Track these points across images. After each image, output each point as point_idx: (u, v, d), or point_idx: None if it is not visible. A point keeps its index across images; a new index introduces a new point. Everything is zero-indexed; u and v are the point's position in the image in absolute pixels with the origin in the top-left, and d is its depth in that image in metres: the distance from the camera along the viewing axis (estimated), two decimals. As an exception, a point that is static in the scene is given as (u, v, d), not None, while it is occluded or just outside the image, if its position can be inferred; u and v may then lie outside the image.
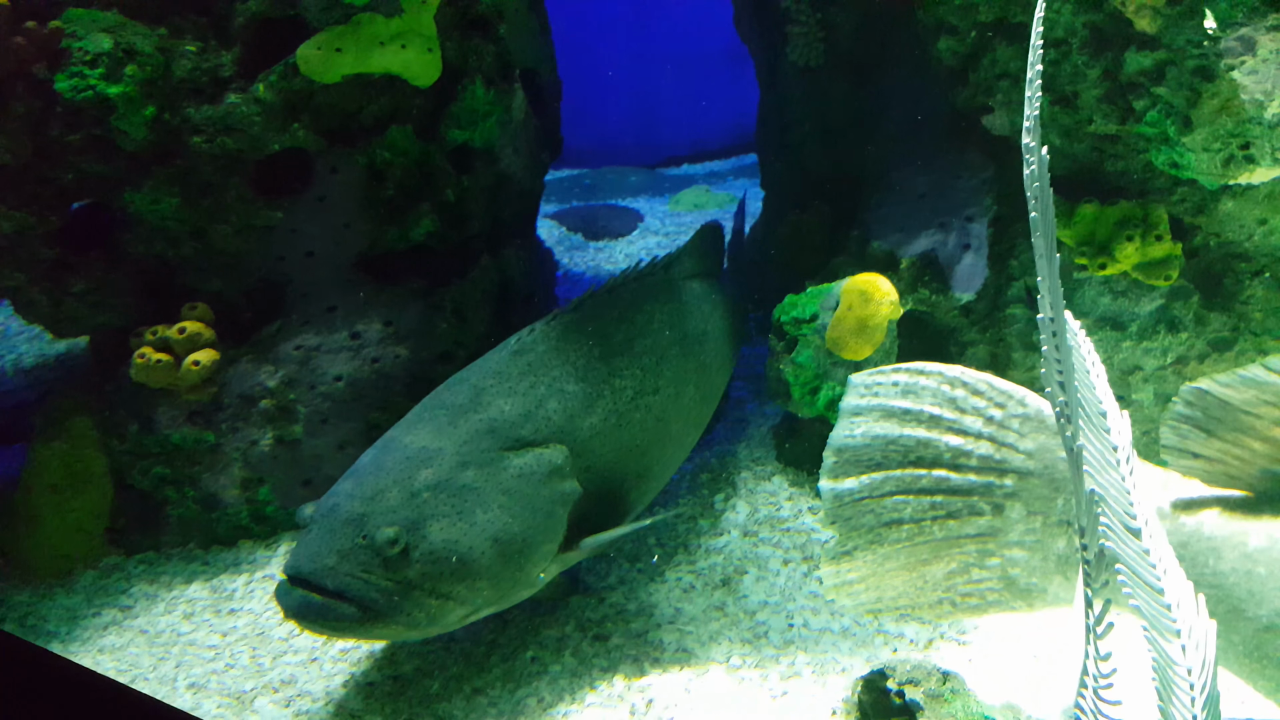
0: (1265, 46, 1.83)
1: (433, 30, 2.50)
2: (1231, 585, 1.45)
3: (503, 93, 2.86)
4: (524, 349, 2.14)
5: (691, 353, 2.44)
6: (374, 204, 2.65)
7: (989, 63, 2.56)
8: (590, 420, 2.08)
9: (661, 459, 2.28)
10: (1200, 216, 2.34)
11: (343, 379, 2.59)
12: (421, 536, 1.74)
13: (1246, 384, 1.47)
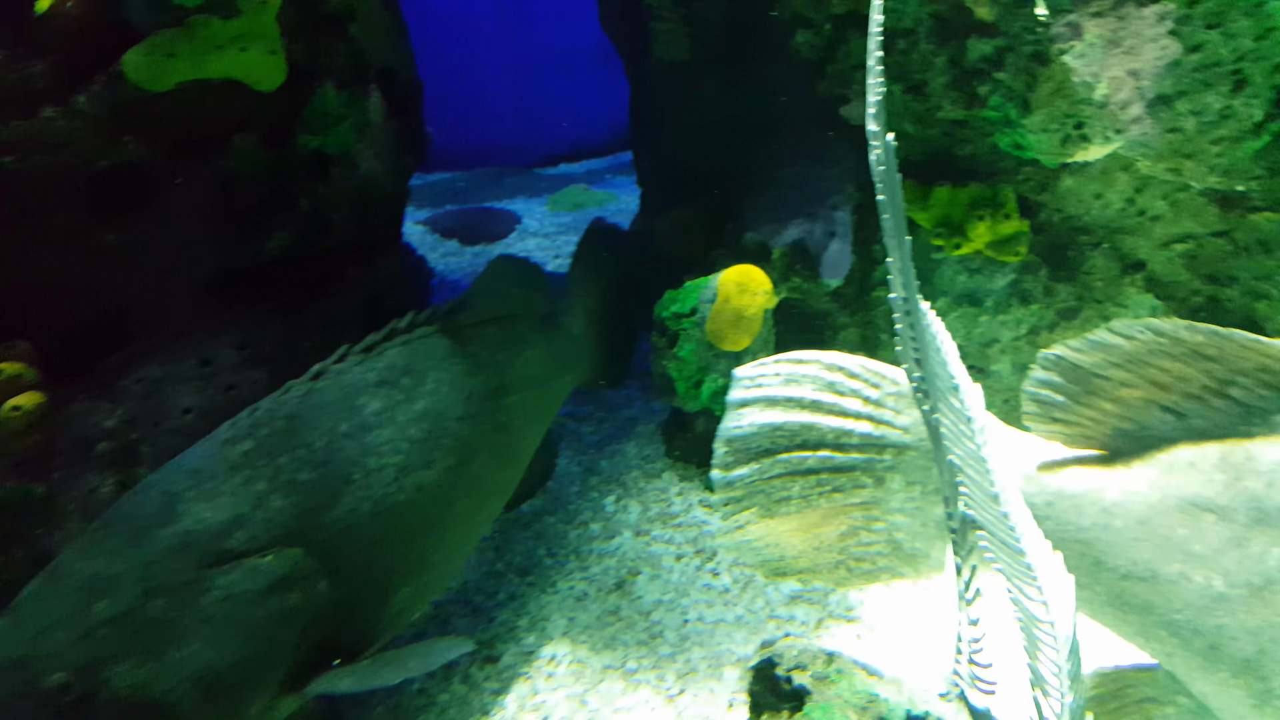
0: (1091, 31, 1.99)
1: (275, 32, 2.42)
2: (1093, 539, 1.57)
3: (357, 95, 2.80)
4: (238, 436, 1.82)
5: (483, 413, 2.15)
6: (222, 219, 2.54)
7: (844, 54, 2.67)
8: (335, 513, 1.79)
9: (443, 544, 2.01)
10: (1044, 194, 2.51)
11: (193, 411, 2.45)
12: (101, 682, 1.50)
13: (1094, 348, 1.60)
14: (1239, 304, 2.40)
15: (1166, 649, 1.50)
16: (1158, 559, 1.49)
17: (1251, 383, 1.46)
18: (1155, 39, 1.95)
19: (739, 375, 1.88)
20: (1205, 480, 1.47)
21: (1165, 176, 2.30)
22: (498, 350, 2.30)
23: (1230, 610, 1.40)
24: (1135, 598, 1.52)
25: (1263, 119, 2.07)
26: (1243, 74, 2.00)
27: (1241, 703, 1.40)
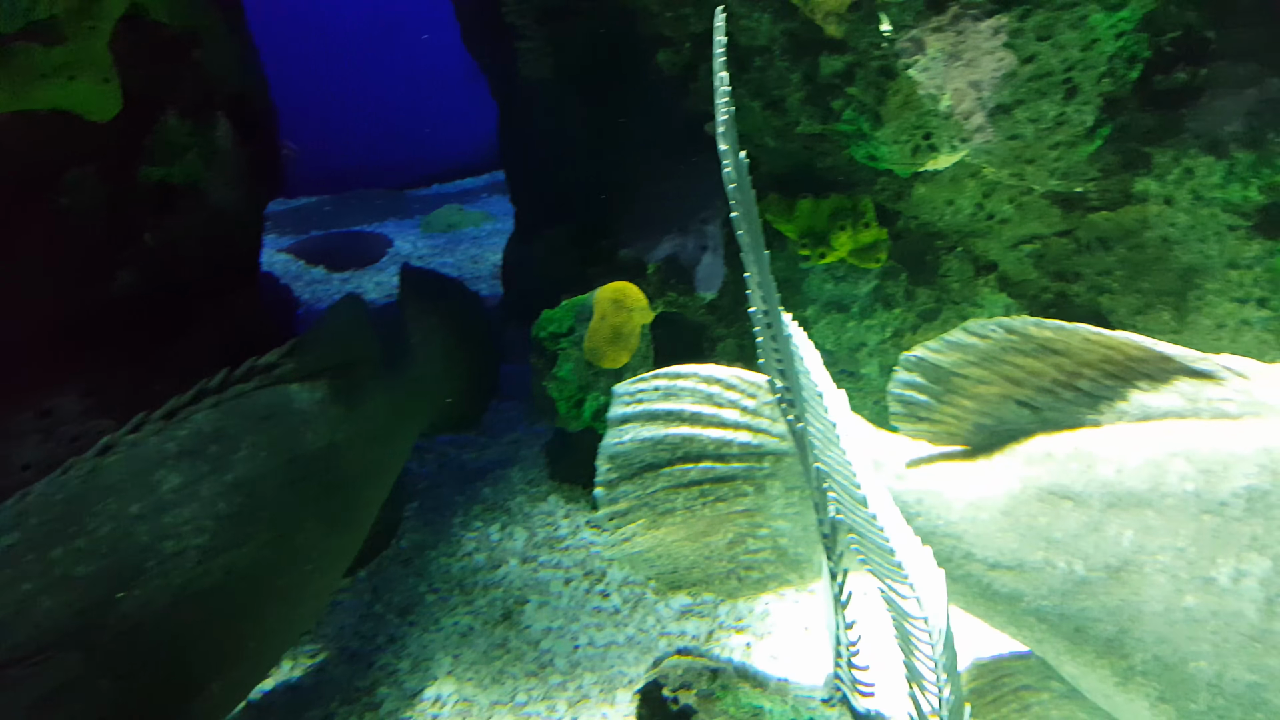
0: (933, 46, 2.08)
1: (107, 59, 2.28)
2: (962, 532, 1.62)
3: (204, 122, 2.67)
4: (2, 528, 1.63)
5: (312, 476, 1.97)
6: (61, 259, 2.37)
7: (706, 72, 2.72)
8: (123, 608, 1.61)
9: (263, 629, 1.84)
10: (900, 202, 2.61)
11: (32, 467, 2.25)
12: None
13: (951, 348, 1.66)
14: (1085, 298, 2.55)
15: (1036, 635, 1.55)
16: (1022, 548, 1.55)
17: (1097, 374, 1.54)
18: (992, 51, 2.06)
19: (618, 392, 1.91)
20: (1061, 469, 1.53)
21: (1010, 181, 2.42)
22: (330, 404, 2.11)
23: (1091, 593, 1.47)
24: (1004, 587, 1.57)
25: (1094, 124, 2.21)
26: (1073, 82, 2.14)
27: (1107, 682, 1.47)
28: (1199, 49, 2.20)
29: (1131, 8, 2.02)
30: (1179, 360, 1.44)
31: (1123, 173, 2.29)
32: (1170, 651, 1.37)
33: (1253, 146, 2.10)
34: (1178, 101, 2.22)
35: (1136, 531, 1.42)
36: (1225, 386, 1.40)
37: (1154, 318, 2.41)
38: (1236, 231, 2.18)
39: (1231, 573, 1.33)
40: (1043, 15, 2.02)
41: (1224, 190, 2.16)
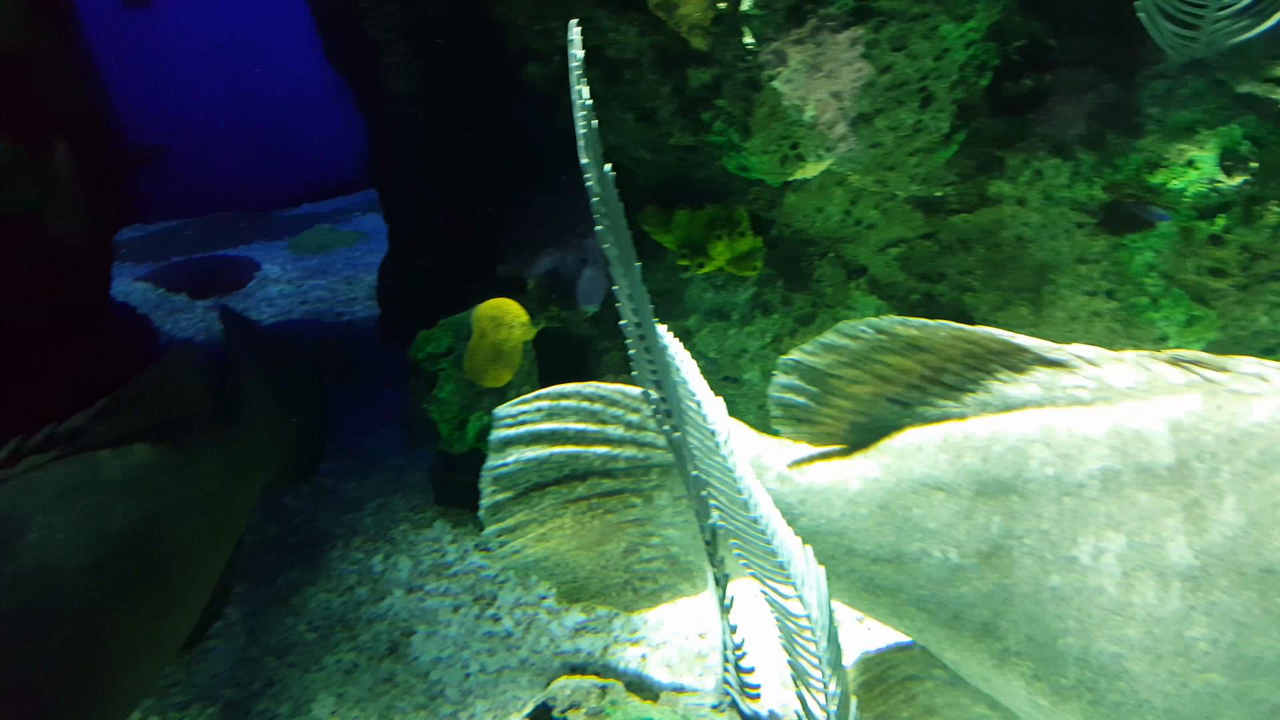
0: (795, 58, 2.14)
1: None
2: (843, 528, 1.66)
3: (39, 148, 2.50)
4: None
5: (124, 556, 1.77)
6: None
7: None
8: None
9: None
10: (773, 211, 2.67)
11: None
12: None
13: (825, 351, 1.71)
14: (949, 297, 2.67)
15: (918, 624, 1.61)
16: (900, 540, 1.60)
17: (960, 368, 1.61)
18: (851, 62, 2.14)
19: (500, 414, 1.90)
20: (931, 461, 1.60)
21: (874, 188, 2.52)
22: (149, 471, 1.88)
23: (966, 579, 1.53)
24: (885, 579, 1.62)
25: (949, 130, 2.32)
26: (928, 91, 2.24)
27: (985, 665, 1.53)
28: (1043, 57, 2.34)
29: (979, 18, 2.14)
30: (1035, 351, 1.53)
31: (978, 176, 2.41)
32: (1040, 630, 1.44)
33: (1094, 148, 2.25)
34: (1025, 107, 2.36)
35: (1004, 517, 1.49)
36: (1078, 374, 1.49)
37: (1013, 312, 2.54)
38: (1084, 228, 2.32)
39: (1091, 550, 1.41)
40: (896, 26, 2.11)
41: (1071, 190, 2.30)
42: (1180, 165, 2.13)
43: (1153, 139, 2.16)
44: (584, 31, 2.57)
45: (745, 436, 1.78)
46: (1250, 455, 1.28)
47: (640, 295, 1.13)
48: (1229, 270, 2.18)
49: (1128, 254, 2.28)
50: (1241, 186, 2.09)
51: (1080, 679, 1.41)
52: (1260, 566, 1.26)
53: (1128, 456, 1.39)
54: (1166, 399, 1.38)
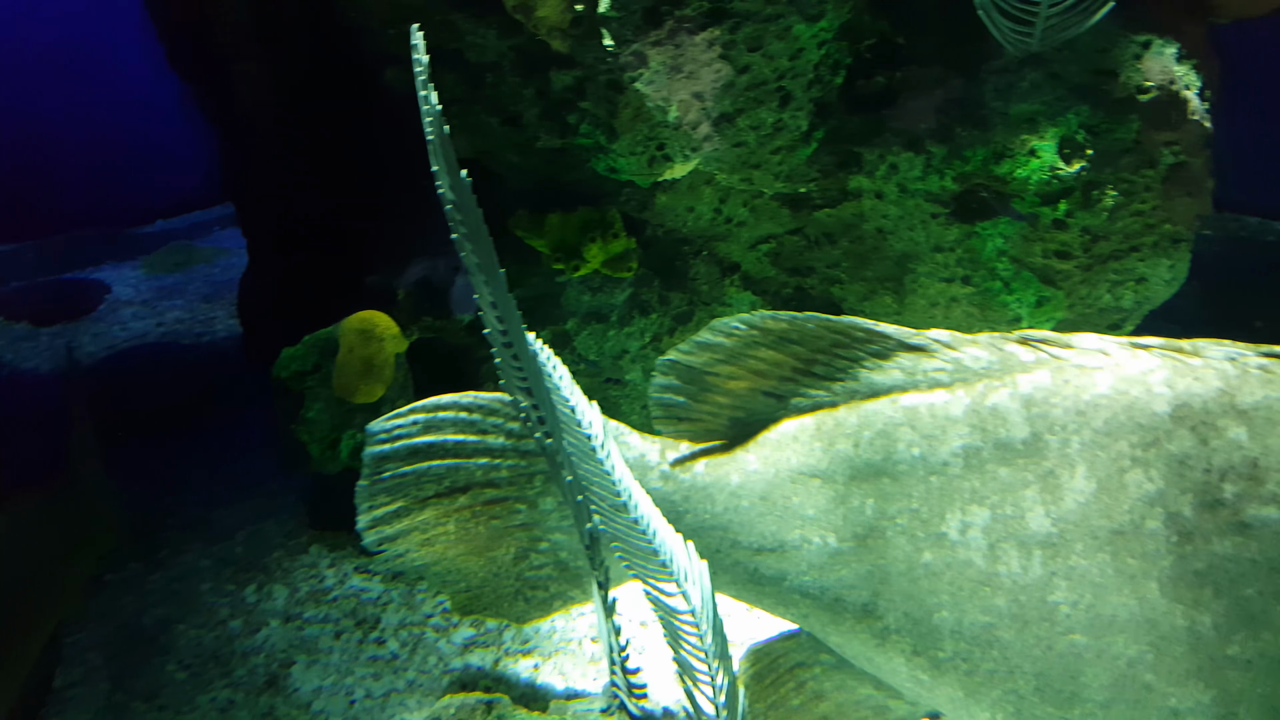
0: (655, 59, 2.17)
1: None
2: (727, 522, 1.69)
3: None
4: None
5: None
6: None
7: (437, 89, 2.67)
8: None
9: None
10: (645, 212, 2.70)
11: None
12: None
13: (701, 349, 1.74)
14: (819, 290, 2.75)
15: (802, 611, 1.65)
16: (781, 529, 1.64)
17: (829, 358, 1.66)
18: (710, 63, 2.18)
19: (373, 430, 1.86)
20: (807, 450, 1.64)
21: (741, 186, 2.57)
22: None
23: (845, 562, 1.58)
24: (769, 569, 1.66)
25: (808, 128, 2.39)
26: (786, 90, 2.30)
27: (867, 645, 1.58)
28: (893, 55, 2.44)
29: (829, 18, 2.21)
30: (896, 338, 1.59)
31: (838, 172, 2.50)
32: (916, 607, 1.50)
33: (944, 141, 2.36)
34: (879, 104, 2.45)
35: (876, 499, 1.55)
36: (936, 358, 1.56)
37: (879, 302, 2.64)
38: (938, 219, 2.43)
39: (959, 525, 1.47)
40: (751, 27, 2.16)
41: (924, 182, 2.40)
42: (1024, 155, 2.26)
43: (997, 131, 2.29)
44: (443, 35, 2.53)
45: (627, 438, 1.79)
46: (1096, 425, 1.37)
47: (506, 302, 1.12)
48: (1073, 252, 2.33)
49: (980, 241, 2.40)
50: (1080, 173, 2.23)
51: (956, 651, 1.47)
52: (1111, 529, 1.34)
53: (986, 434, 1.46)
54: (1018, 377, 1.45)
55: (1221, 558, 1.26)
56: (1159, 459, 1.31)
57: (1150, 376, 1.35)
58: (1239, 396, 1.29)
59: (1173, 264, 2.35)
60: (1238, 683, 1.24)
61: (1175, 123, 2.21)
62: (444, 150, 1.07)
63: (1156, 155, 2.23)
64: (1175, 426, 1.32)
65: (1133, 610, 1.31)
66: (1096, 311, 2.46)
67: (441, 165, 1.08)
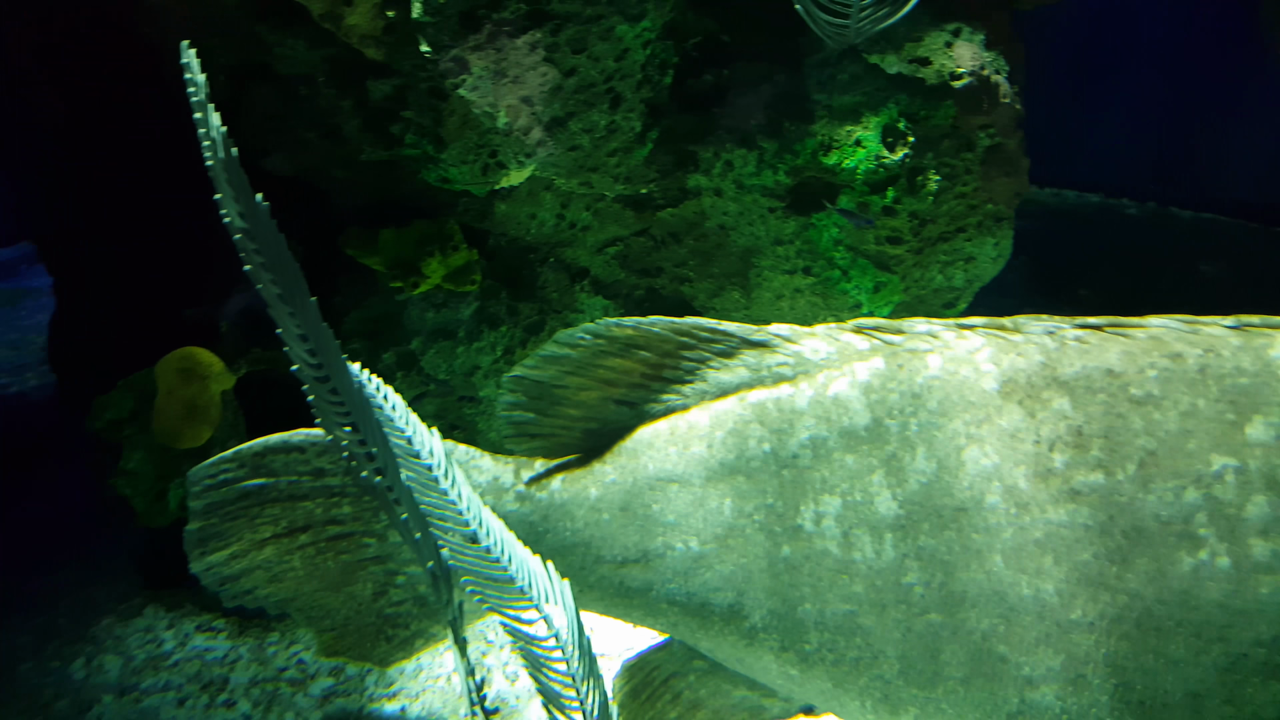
0: (477, 64, 2.12)
1: None
2: (589, 537, 1.67)
3: None
4: None
5: None
6: None
7: (250, 106, 2.54)
8: None
9: None
10: (486, 221, 2.64)
11: None
12: None
13: (547, 363, 1.70)
14: (670, 290, 2.77)
15: (671, 619, 1.64)
16: (644, 538, 1.63)
17: (676, 361, 1.66)
18: (535, 66, 2.15)
19: (195, 477, 1.76)
20: (662, 455, 1.64)
21: (581, 190, 2.56)
22: None
23: (708, 565, 1.58)
24: (635, 580, 1.64)
25: (642, 129, 2.40)
26: (616, 91, 2.30)
27: (737, 646, 1.59)
28: (719, 52, 2.48)
29: (651, 18, 2.22)
30: (740, 336, 1.61)
31: (676, 172, 2.52)
32: (779, 603, 1.52)
33: (774, 136, 2.41)
34: (709, 102, 2.49)
35: (733, 498, 1.56)
36: (779, 352, 1.59)
37: (727, 298, 2.68)
38: (775, 212, 2.49)
39: (813, 516, 1.50)
40: (573, 29, 2.14)
41: (759, 177, 2.46)
42: (850, 146, 2.34)
43: (823, 123, 2.36)
44: (251, 48, 2.40)
45: (478, 461, 1.74)
46: (931, 406, 1.42)
47: (320, 333, 1.05)
48: (903, 237, 2.43)
49: (816, 232, 2.47)
50: (903, 160, 2.33)
51: (821, 642, 1.50)
52: (954, 507, 1.39)
53: (831, 423, 1.49)
54: (856, 365, 1.49)
55: (1057, 525, 1.32)
56: (991, 434, 1.37)
57: (977, 355, 1.41)
58: (1059, 368, 1.36)
59: (997, 242, 2.49)
60: (1083, 645, 1.31)
61: (988, 107, 2.34)
62: (230, 175, 1.00)
63: (974, 138, 2.35)
64: (1004, 402, 1.38)
65: (981, 585, 1.37)
66: (931, 292, 2.58)
67: (227, 192, 1.00)
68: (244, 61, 2.45)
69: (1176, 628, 1.26)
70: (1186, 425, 1.27)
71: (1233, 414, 1.26)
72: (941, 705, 1.43)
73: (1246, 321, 1.30)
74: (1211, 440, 1.26)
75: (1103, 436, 1.31)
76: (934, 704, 1.43)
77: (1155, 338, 1.33)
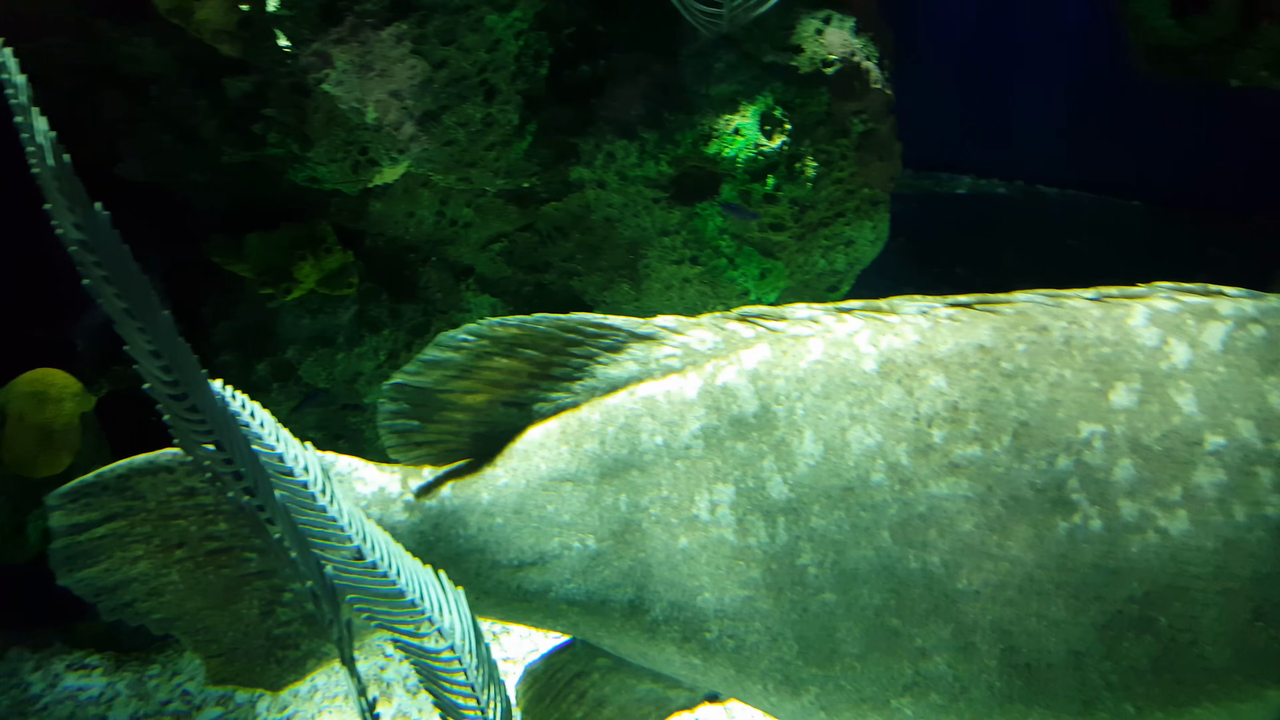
0: (340, 58, 2.06)
1: None
2: (483, 543, 1.65)
3: None
4: None
5: None
6: None
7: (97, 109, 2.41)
8: None
9: None
10: (361, 221, 2.58)
11: None
12: None
13: (429, 367, 1.67)
14: (559, 285, 2.76)
15: (572, 620, 1.64)
16: (540, 540, 1.63)
17: (565, 358, 1.66)
18: (402, 59, 2.10)
19: (54, 501, 1.67)
20: (554, 455, 1.63)
21: (460, 186, 2.52)
22: None
23: (606, 562, 1.59)
24: (533, 583, 1.64)
25: (520, 122, 2.38)
26: (490, 83, 2.27)
27: (639, 641, 1.60)
28: (595, 42, 2.48)
29: (522, 7, 2.21)
30: (626, 330, 1.62)
31: (558, 165, 2.51)
32: (680, 594, 1.54)
33: (654, 126, 2.43)
34: (588, 93, 2.48)
35: (628, 493, 1.57)
36: (666, 345, 1.60)
37: (617, 290, 2.69)
38: (660, 203, 2.51)
39: (708, 505, 1.53)
40: (441, 20, 2.11)
41: (641, 168, 2.47)
42: (729, 134, 2.38)
43: (702, 113, 2.39)
44: (96, 48, 2.27)
45: (361, 472, 1.70)
46: (815, 390, 1.46)
47: (173, 348, 1.00)
48: (786, 224, 2.48)
49: (701, 221, 2.50)
50: (782, 147, 2.38)
51: (721, 629, 1.52)
52: (841, 486, 1.44)
53: (721, 412, 1.52)
54: (742, 353, 1.52)
55: (939, 498, 1.38)
56: (873, 414, 1.42)
57: (856, 338, 1.46)
58: (935, 347, 1.42)
59: (875, 224, 2.58)
60: (971, 613, 1.37)
61: (860, 93, 2.41)
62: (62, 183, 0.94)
63: (848, 124, 2.42)
64: (884, 382, 1.43)
65: (871, 561, 1.41)
66: (815, 276, 2.64)
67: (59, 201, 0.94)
68: (91, 63, 2.32)
69: (1056, 590, 1.33)
70: (1055, 395, 1.34)
71: (1097, 382, 1.33)
72: (840, 682, 1.47)
73: (1106, 293, 1.38)
74: (1079, 408, 1.33)
75: (978, 410, 1.37)
76: (833, 681, 1.47)
77: (1022, 312, 1.40)
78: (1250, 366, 1.29)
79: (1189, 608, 1.28)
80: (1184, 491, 1.27)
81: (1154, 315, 1.34)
